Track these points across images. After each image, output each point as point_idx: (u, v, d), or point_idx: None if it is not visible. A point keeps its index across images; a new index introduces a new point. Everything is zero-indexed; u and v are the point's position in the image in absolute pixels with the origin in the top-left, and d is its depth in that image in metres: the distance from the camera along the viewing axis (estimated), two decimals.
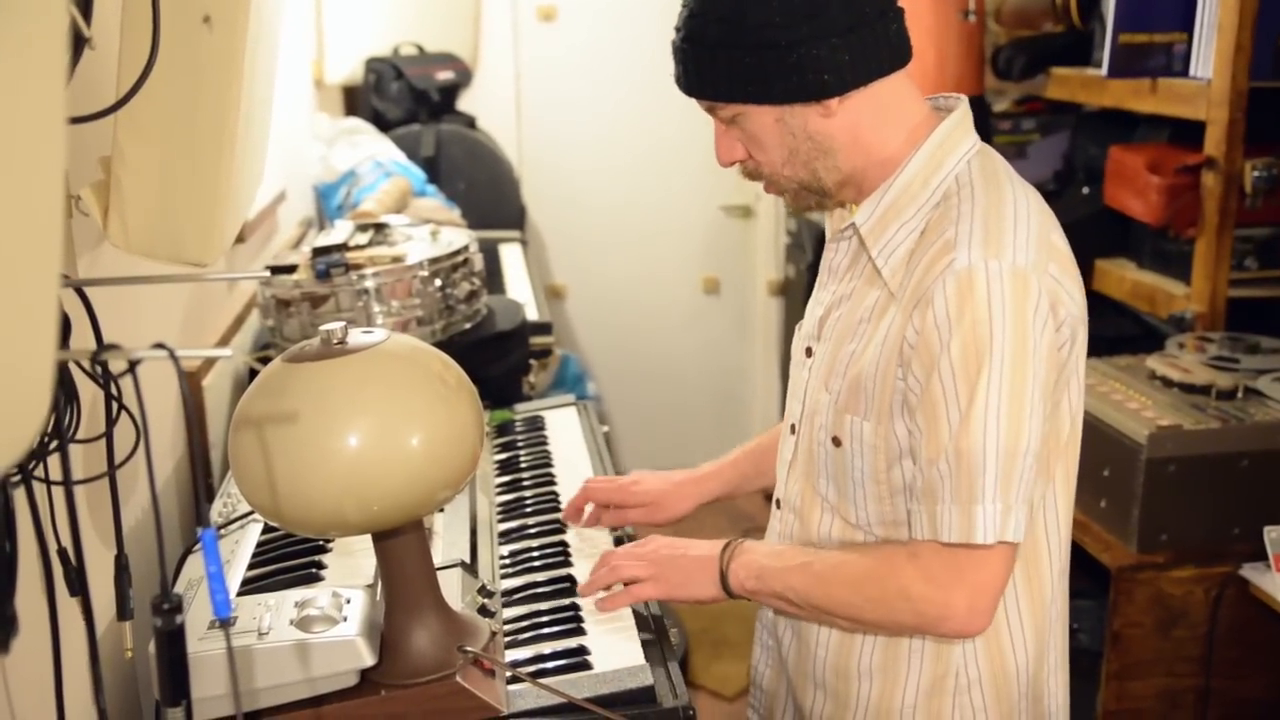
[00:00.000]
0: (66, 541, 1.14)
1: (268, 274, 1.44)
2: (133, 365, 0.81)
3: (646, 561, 1.45)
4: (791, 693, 1.53)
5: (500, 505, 1.91)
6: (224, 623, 0.83)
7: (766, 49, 1.26)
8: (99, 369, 1.16)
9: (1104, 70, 2.72)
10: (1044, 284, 1.26)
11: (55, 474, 1.15)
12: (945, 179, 1.32)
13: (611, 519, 1.72)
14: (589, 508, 1.72)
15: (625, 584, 1.46)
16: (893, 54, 1.32)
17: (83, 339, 1.22)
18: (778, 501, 1.53)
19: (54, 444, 1.08)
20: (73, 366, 1.17)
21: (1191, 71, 2.59)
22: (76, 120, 1.16)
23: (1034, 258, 1.26)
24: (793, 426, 1.49)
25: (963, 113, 1.37)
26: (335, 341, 1.26)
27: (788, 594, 1.37)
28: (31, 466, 1.05)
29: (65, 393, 1.09)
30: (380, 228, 2.47)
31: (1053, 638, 1.44)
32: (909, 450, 1.32)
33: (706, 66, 1.31)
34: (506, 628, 1.51)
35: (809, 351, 1.47)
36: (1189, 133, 2.63)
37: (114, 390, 1.18)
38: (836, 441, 1.38)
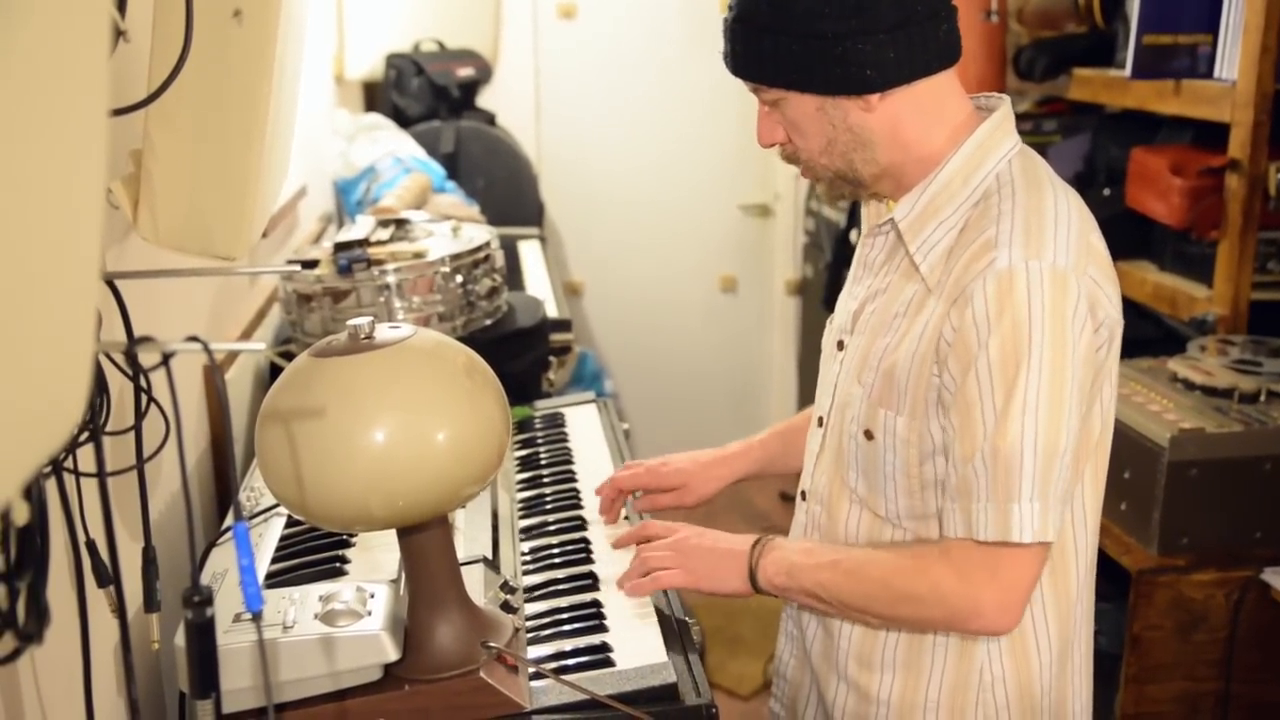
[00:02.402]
0: (95, 533, 1.14)
1: (297, 268, 1.45)
2: (166, 358, 0.81)
3: (675, 551, 1.47)
4: (816, 683, 1.54)
5: (521, 501, 1.91)
6: (256, 616, 0.83)
7: (813, 38, 1.27)
8: (130, 361, 1.17)
9: (1127, 71, 2.71)
10: (1083, 285, 1.26)
11: (82, 466, 1.15)
12: (986, 178, 1.33)
13: (642, 504, 1.74)
14: (628, 502, 1.74)
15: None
16: (941, 54, 1.32)
17: (109, 332, 1.23)
18: (803, 493, 1.53)
19: (84, 436, 1.08)
20: (102, 359, 1.17)
21: (1216, 73, 2.57)
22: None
23: (1074, 259, 1.26)
24: (820, 419, 1.50)
25: (1005, 113, 1.37)
26: (362, 337, 1.26)
27: (818, 590, 1.38)
28: (62, 458, 1.06)
29: (97, 385, 1.09)
30: (401, 224, 2.47)
31: (1077, 638, 1.44)
32: (942, 447, 1.32)
33: (754, 48, 1.32)
34: (528, 624, 1.51)
35: (840, 345, 1.47)
36: (1212, 135, 2.62)
37: (144, 383, 1.19)
38: (869, 435, 1.38)
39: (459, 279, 2.21)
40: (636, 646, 1.44)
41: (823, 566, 1.38)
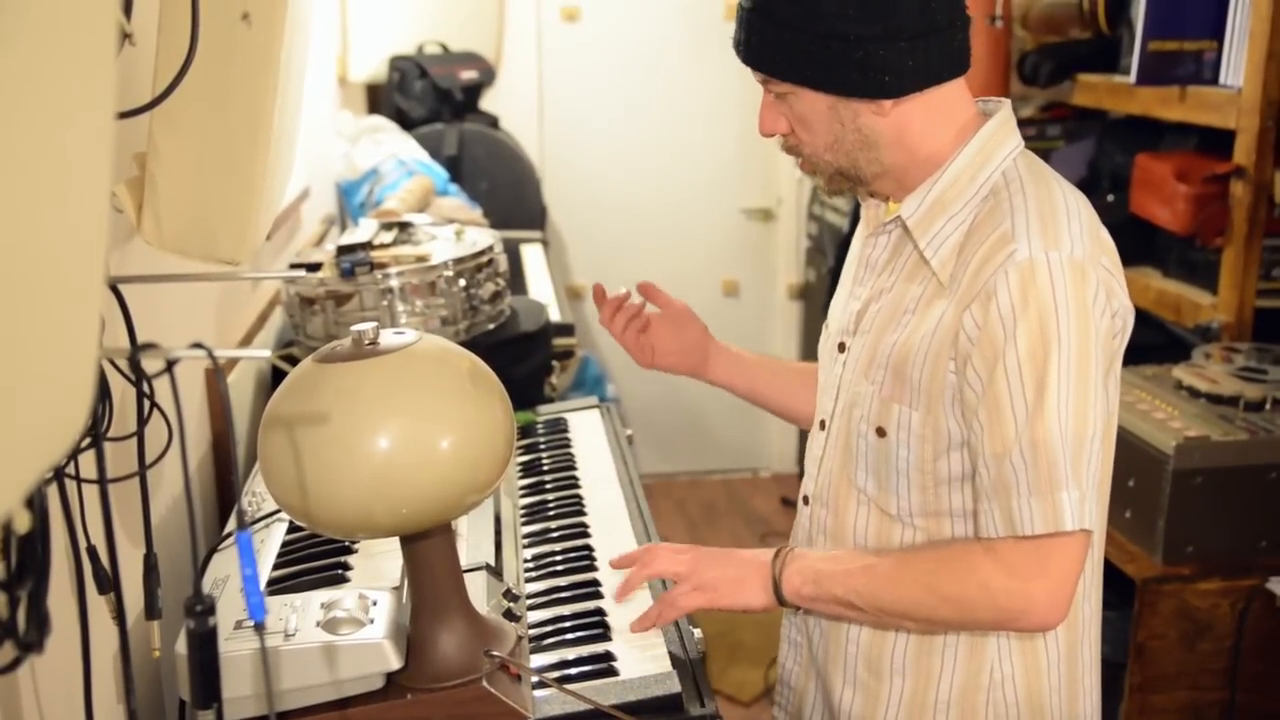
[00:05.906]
0: (95, 539, 1.13)
1: (300, 272, 1.43)
2: (170, 365, 0.80)
3: (688, 567, 1.40)
4: (821, 689, 1.52)
5: (524, 508, 1.90)
6: (259, 625, 0.82)
7: (834, 39, 1.27)
8: (133, 368, 1.16)
9: (1132, 77, 2.70)
10: (1099, 275, 1.27)
11: (83, 472, 1.14)
12: (992, 174, 1.34)
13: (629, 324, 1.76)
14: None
15: (664, 584, 1.42)
16: (954, 63, 1.33)
17: (112, 337, 1.22)
18: (805, 498, 1.52)
19: (85, 442, 1.07)
20: (104, 364, 1.16)
21: (1221, 80, 2.56)
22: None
23: (1089, 249, 1.27)
24: (823, 423, 1.49)
25: (1007, 114, 1.39)
26: (366, 342, 1.25)
27: (851, 598, 1.34)
28: (63, 465, 1.05)
29: (100, 391, 1.08)
30: (405, 227, 2.47)
31: (1086, 635, 1.43)
32: (961, 444, 1.32)
33: (770, 41, 1.31)
34: (531, 632, 1.50)
35: (842, 347, 1.47)
36: (1217, 141, 2.61)
37: (147, 389, 1.18)
38: (881, 432, 1.37)
39: (462, 283, 2.20)
40: (640, 655, 1.43)
41: (854, 573, 1.35)
